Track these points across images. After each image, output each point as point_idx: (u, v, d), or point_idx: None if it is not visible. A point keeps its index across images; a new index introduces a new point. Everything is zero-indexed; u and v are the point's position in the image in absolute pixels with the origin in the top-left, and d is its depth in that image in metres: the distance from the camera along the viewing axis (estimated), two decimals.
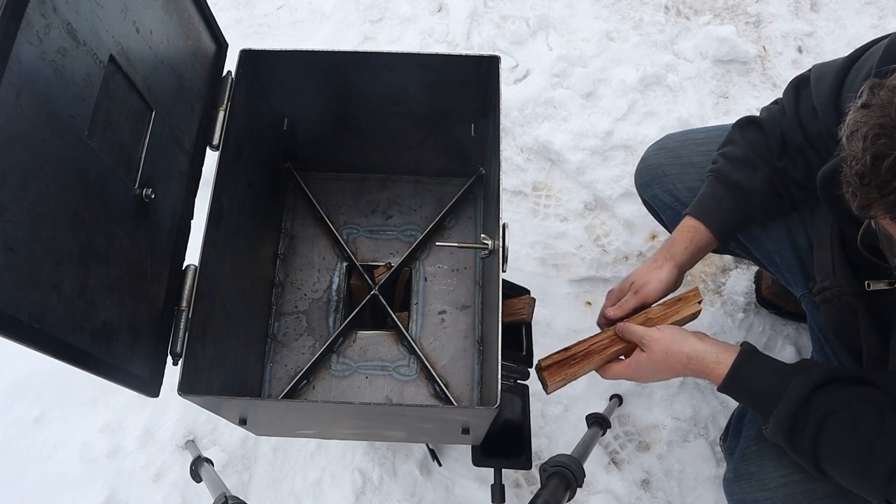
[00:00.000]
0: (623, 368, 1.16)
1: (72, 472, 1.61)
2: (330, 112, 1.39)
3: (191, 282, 1.06)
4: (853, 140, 0.76)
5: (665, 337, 1.10)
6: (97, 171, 0.87)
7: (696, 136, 1.37)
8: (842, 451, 0.95)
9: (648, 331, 1.12)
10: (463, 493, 1.56)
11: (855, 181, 0.76)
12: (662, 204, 1.37)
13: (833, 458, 0.96)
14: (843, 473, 0.96)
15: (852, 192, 0.77)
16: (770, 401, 1.00)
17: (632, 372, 1.15)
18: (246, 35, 2.17)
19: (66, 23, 0.81)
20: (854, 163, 0.75)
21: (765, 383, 1.02)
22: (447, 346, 1.44)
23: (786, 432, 0.99)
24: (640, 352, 1.13)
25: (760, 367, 1.04)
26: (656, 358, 1.10)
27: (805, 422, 0.97)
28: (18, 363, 1.69)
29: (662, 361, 1.10)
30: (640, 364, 1.13)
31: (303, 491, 1.58)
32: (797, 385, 0.98)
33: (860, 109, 0.76)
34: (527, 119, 1.95)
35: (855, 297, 1.02)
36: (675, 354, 1.09)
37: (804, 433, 0.97)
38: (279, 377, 1.43)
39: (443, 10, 2.16)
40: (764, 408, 1.02)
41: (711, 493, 1.56)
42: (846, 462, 0.95)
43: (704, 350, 1.07)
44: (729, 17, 2.13)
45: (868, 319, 1.01)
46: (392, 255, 1.53)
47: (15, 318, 0.72)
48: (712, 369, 1.06)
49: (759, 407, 1.04)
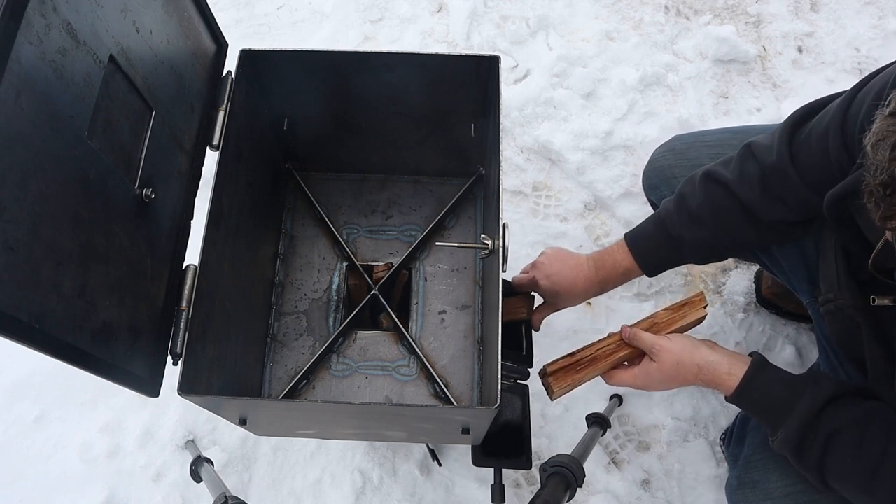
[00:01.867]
0: (631, 377, 1.15)
1: (72, 472, 1.61)
2: (330, 112, 1.39)
3: (191, 282, 1.06)
4: (879, 148, 0.74)
5: (676, 347, 1.09)
6: (97, 171, 0.87)
7: (706, 138, 1.35)
8: (848, 468, 0.94)
9: (658, 339, 1.10)
10: (463, 493, 1.56)
11: (879, 191, 0.74)
12: None
13: (839, 475, 0.96)
14: (849, 490, 0.96)
15: (875, 203, 0.75)
16: (779, 414, 1.00)
17: (640, 381, 1.14)
18: (246, 35, 2.17)
19: (66, 23, 0.81)
20: (879, 172, 0.73)
21: (775, 396, 1.01)
22: (447, 346, 1.44)
23: (793, 447, 0.98)
24: (649, 361, 1.12)
25: (771, 379, 1.03)
26: (666, 368, 1.09)
27: (813, 438, 0.96)
28: (18, 363, 1.69)
29: (673, 371, 1.09)
30: (650, 374, 1.12)
31: (303, 491, 1.58)
32: (807, 400, 0.97)
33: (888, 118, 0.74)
34: (527, 119, 1.95)
35: (858, 311, 1.01)
36: (686, 365, 1.07)
37: (812, 449, 0.96)
38: (279, 377, 1.43)
39: (443, 10, 2.16)
40: (773, 421, 1.01)
41: (711, 493, 1.56)
42: (852, 479, 0.94)
43: (717, 361, 1.06)
44: (729, 17, 2.13)
45: (871, 334, 1.01)
46: (392, 255, 1.53)
47: (15, 318, 0.72)
48: (724, 380, 1.05)
49: (767, 419, 1.03)
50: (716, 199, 1.13)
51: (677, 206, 1.17)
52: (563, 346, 1.68)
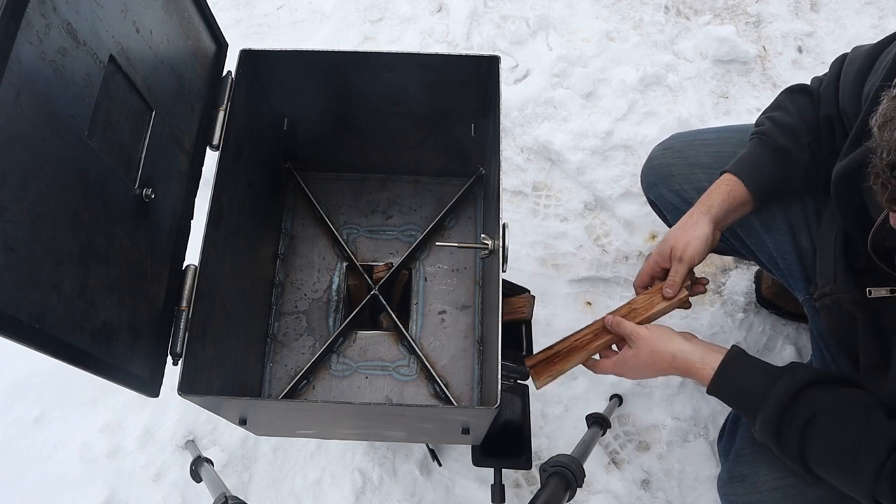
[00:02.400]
0: (611, 365, 1.18)
1: (72, 472, 1.61)
2: (330, 112, 1.39)
3: (191, 282, 1.06)
4: (886, 129, 0.74)
5: (652, 335, 1.11)
6: (97, 171, 0.87)
7: (705, 136, 1.35)
8: (828, 451, 0.95)
9: (636, 328, 1.13)
10: (463, 493, 1.56)
11: (885, 172, 0.74)
12: (668, 204, 1.36)
13: (820, 459, 0.96)
14: (832, 474, 0.96)
15: (882, 184, 0.76)
16: (755, 401, 1.01)
17: (619, 368, 1.17)
18: (246, 35, 2.17)
19: (66, 23, 0.81)
20: (885, 153, 0.74)
21: (751, 384, 1.02)
22: (447, 346, 1.44)
23: (772, 433, 0.99)
24: (627, 348, 1.15)
25: (747, 367, 1.04)
26: (642, 356, 1.12)
27: (791, 423, 0.97)
28: (18, 363, 1.69)
29: (648, 359, 1.11)
30: (626, 361, 1.15)
31: (303, 491, 1.58)
32: (782, 385, 0.98)
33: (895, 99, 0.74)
34: (527, 119, 1.95)
35: (856, 305, 1.02)
36: (660, 353, 1.10)
37: (790, 434, 0.97)
38: (279, 377, 1.43)
39: (443, 10, 2.16)
40: (750, 409, 1.02)
41: (711, 493, 1.56)
42: (833, 462, 0.95)
43: (690, 350, 1.08)
44: (729, 17, 2.13)
45: (867, 327, 1.01)
46: (392, 255, 1.53)
47: (15, 318, 0.72)
48: (698, 369, 1.07)
49: (745, 408, 1.04)
50: (804, 109, 1.12)
51: (772, 121, 1.15)
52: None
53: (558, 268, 1.80)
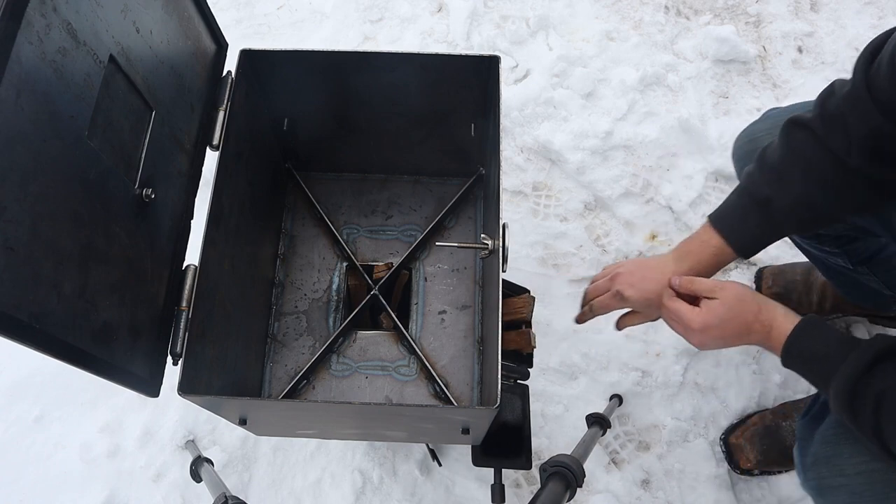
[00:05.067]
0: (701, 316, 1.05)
1: (72, 472, 1.61)
2: (330, 112, 1.39)
3: (191, 282, 1.06)
4: None
5: (737, 285, 1.04)
6: (97, 171, 0.87)
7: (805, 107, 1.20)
8: None
9: (718, 281, 1.04)
10: (463, 493, 1.56)
11: None
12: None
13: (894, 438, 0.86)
14: None
15: None
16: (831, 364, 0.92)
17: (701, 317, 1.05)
18: (246, 35, 2.17)
19: (66, 23, 0.81)
20: None
21: (829, 345, 0.94)
22: (447, 346, 1.44)
23: (846, 404, 0.90)
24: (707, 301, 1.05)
25: (826, 330, 0.96)
26: (729, 301, 1.02)
27: (864, 398, 0.88)
28: (18, 363, 1.70)
29: (737, 308, 1.02)
30: (712, 309, 1.03)
31: (303, 491, 1.58)
32: (855, 355, 0.90)
33: None
34: (527, 119, 1.95)
35: None
36: (748, 302, 1.01)
37: (864, 410, 0.88)
38: (279, 377, 1.43)
39: (443, 10, 2.16)
40: (825, 372, 0.94)
41: (711, 493, 1.56)
42: None
43: (774, 304, 1.01)
44: (729, 17, 2.13)
45: None
46: (392, 255, 1.53)
47: (15, 318, 0.72)
48: (780, 322, 0.99)
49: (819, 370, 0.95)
50: (799, 146, 1.01)
51: (759, 165, 1.06)
52: (563, 346, 1.69)
53: (558, 268, 1.80)
